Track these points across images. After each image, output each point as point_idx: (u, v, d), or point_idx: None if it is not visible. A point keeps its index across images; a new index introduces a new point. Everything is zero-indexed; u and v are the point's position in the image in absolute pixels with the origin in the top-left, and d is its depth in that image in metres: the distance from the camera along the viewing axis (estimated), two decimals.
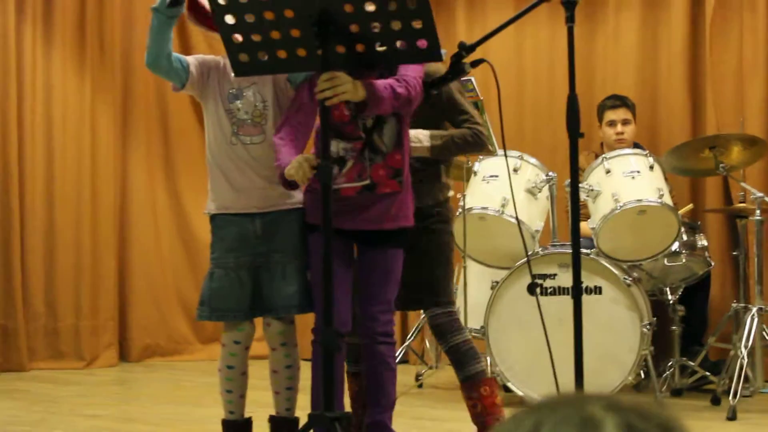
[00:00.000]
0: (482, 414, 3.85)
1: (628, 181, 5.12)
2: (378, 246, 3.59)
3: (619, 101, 5.92)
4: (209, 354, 7.15)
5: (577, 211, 3.11)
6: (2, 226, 6.41)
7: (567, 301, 4.99)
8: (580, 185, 5.27)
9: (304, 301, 3.64)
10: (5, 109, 6.46)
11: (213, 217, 3.76)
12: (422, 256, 3.84)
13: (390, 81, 3.29)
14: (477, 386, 3.84)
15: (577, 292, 3.16)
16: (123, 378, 6.45)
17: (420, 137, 3.75)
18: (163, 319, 7.14)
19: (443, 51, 3.06)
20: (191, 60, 3.69)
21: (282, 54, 3.08)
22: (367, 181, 3.50)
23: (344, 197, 3.49)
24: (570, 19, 2.96)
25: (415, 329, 6.04)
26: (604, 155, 5.26)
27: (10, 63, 6.47)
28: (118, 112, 7.03)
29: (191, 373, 6.53)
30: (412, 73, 3.37)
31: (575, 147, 3.00)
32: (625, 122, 5.87)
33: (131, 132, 7.13)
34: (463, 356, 3.86)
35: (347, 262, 3.59)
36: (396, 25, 2.91)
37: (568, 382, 3.62)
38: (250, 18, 3.02)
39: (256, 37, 3.06)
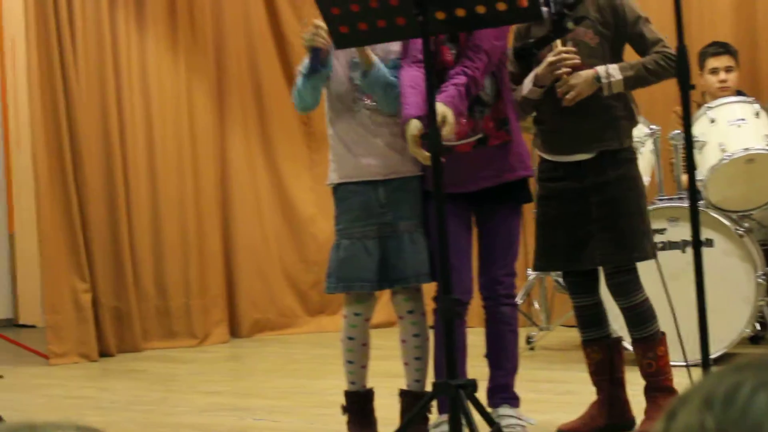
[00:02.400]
0: (657, 374, 3.74)
1: (734, 130, 5.01)
2: (499, 206, 3.59)
3: (722, 48, 5.77)
4: (318, 326, 7.23)
5: (692, 164, 3.05)
6: (109, 212, 6.52)
7: (678, 255, 4.95)
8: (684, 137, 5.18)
9: (435, 269, 3.61)
10: (104, 95, 6.56)
11: (336, 189, 3.74)
12: (620, 207, 3.65)
13: (458, 81, 3.37)
14: (654, 346, 3.72)
15: (697, 244, 3.08)
16: (236, 354, 6.54)
17: (610, 71, 3.57)
18: (270, 293, 7.22)
19: (543, 9, 3.02)
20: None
21: (381, 23, 3.06)
22: (480, 135, 3.51)
23: (460, 156, 3.50)
24: None
25: (524, 291, 6.01)
26: (707, 105, 5.15)
27: (106, 48, 6.57)
28: (214, 90, 7.09)
29: (302, 346, 6.60)
30: (486, 44, 3.41)
31: (687, 99, 2.95)
32: (728, 69, 5.73)
33: (227, 109, 7.19)
34: (643, 315, 3.72)
35: (468, 228, 3.59)
36: None
37: (686, 338, 3.59)
38: None
39: (354, 8, 3.05)
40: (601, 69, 3.54)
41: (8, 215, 8.26)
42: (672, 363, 4.85)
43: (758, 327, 5.28)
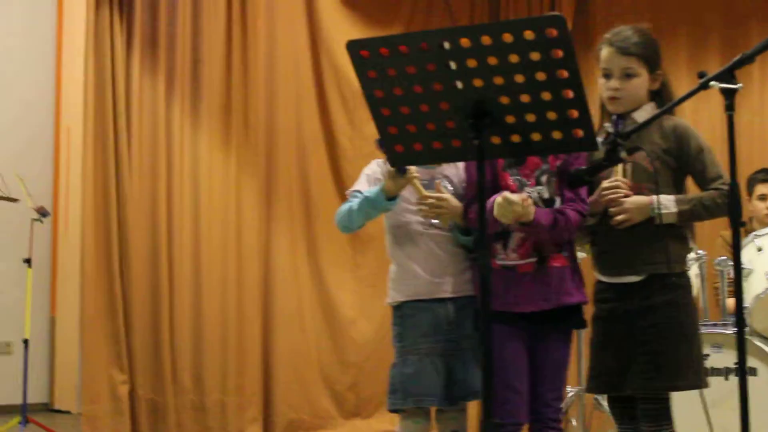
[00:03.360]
0: None
1: None
2: (552, 329, 3.63)
3: None
4: (352, 429, 7.20)
5: (740, 303, 3.02)
6: (152, 302, 6.58)
7: (720, 382, 4.90)
8: (730, 263, 5.16)
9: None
10: (155, 184, 6.67)
11: (399, 306, 3.78)
12: (664, 333, 3.56)
13: (556, 213, 3.53)
14: None
15: (742, 372, 3.06)
16: None
17: (666, 203, 3.54)
18: (306, 393, 7.20)
19: (599, 139, 3.05)
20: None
21: (437, 145, 3.09)
22: (539, 256, 3.59)
23: (520, 276, 3.56)
24: (729, 107, 2.91)
25: (563, 408, 5.94)
26: (755, 233, 5.14)
27: (161, 139, 6.70)
28: (262, 189, 7.18)
29: None
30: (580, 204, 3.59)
31: (738, 237, 2.94)
32: None
33: (274, 209, 7.27)
34: None
35: (525, 349, 3.61)
36: (551, 116, 2.89)
37: None
38: (405, 110, 3.05)
39: (411, 129, 3.09)
40: (656, 199, 3.53)
41: (51, 299, 8.33)
42: None
43: None
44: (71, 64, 8.13)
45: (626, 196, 3.54)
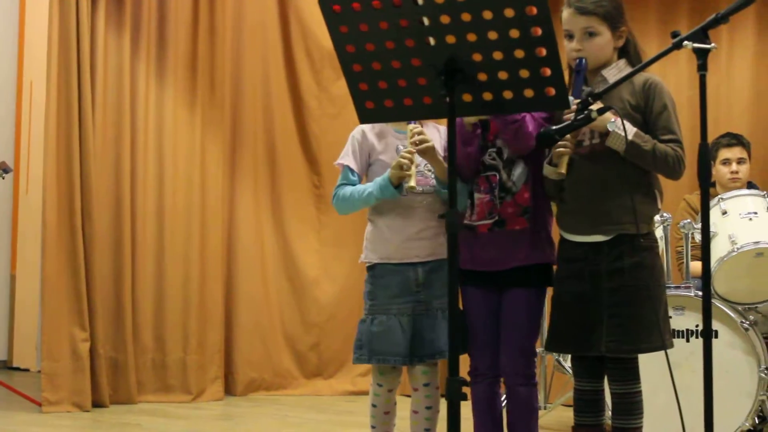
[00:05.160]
0: None
1: (745, 223, 5.04)
2: (517, 286, 3.69)
3: (735, 140, 5.81)
4: (313, 389, 7.21)
5: (708, 260, 3.04)
6: (114, 260, 6.52)
7: (681, 344, 4.94)
8: (695, 226, 5.20)
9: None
10: (120, 143, 6.59)
11: (373, 267, 3.86)
12: (631, 296, 3.57)
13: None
14: None
15: (707, 335, 3.09)
16: (230, 413, 6.49)
17: (627, 128, 3.45)
18: (267, 353, 7.20)
19: (570, 98, 3.04)
20: (356, 167, 3.88)
21: (408, 102, 3.08)
22: (496, 218, 3.68)
23: (479, 235, 3.68)
24: (702, 67, 2.91)
25: None
26: (720, 196, 5.18)
27: (125, 98, 6.61)
28: (227, 147, 7.13)
29: (296, 409, 6.55)
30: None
31: (707, 198, 2.95)
32: (740, 161, 5.77)
33: (239, 167, 7.23)
34: (633, 406, 3.67)
35: (491, 308, 3.71)
36: (524, 74, 2.89)
37: (689, 428, 3.57)
38: (377, 66, 3.03)
39: (382, 85, 3.07)
40: (619, 121, 3.44)
41: (11, 257, 8.27)
42: None
43: (756, 421, 5.25)
44: (35, 18, 8.02)
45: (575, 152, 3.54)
